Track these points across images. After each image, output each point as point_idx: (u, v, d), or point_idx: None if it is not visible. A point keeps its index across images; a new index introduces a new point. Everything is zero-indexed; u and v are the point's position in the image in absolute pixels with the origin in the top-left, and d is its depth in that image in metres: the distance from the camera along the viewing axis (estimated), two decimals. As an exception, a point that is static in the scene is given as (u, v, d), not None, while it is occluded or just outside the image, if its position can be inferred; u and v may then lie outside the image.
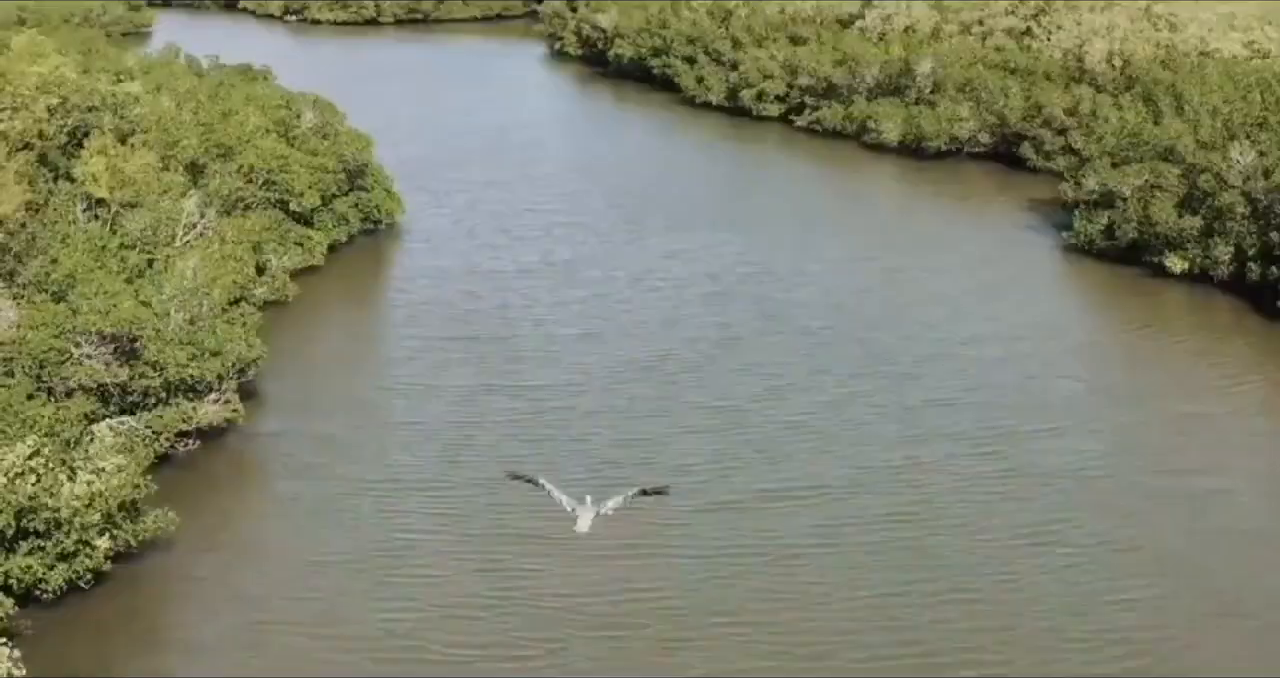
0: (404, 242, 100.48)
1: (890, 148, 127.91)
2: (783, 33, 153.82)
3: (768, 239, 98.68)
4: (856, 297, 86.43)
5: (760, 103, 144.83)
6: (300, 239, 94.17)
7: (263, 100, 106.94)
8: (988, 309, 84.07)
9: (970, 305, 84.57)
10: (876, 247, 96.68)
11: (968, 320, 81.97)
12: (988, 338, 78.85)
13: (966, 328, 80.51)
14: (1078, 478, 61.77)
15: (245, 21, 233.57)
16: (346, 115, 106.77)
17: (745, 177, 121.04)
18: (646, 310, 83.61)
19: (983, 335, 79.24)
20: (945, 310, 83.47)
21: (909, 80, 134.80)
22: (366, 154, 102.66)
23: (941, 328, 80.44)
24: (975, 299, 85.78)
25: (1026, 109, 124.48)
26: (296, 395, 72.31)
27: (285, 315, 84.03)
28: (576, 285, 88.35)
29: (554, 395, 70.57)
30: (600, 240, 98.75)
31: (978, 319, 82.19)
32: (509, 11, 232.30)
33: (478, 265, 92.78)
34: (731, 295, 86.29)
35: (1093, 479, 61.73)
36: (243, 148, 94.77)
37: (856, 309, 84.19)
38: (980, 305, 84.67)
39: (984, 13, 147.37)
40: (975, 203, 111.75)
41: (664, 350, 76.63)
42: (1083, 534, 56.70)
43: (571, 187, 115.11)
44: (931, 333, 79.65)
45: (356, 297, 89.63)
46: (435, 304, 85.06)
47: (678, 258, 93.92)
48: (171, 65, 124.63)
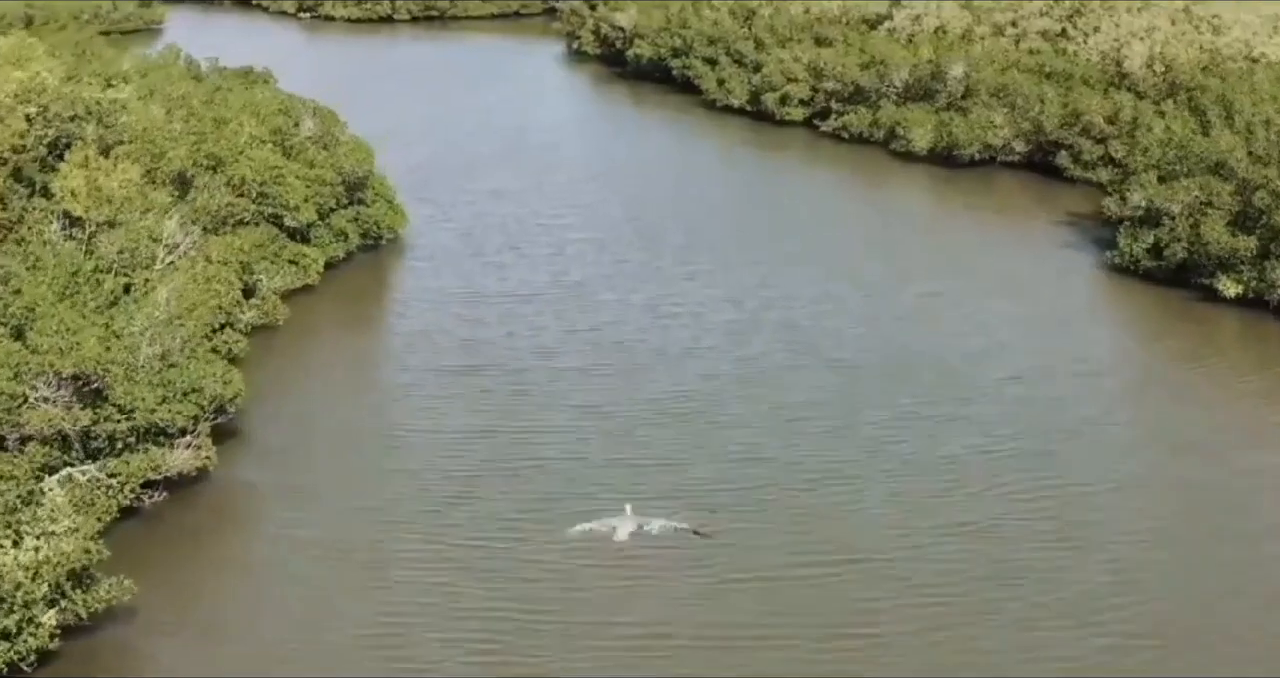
0: (406, 259, 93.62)
1: (920, 156, 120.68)
2: (807, 34, 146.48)
3: (793, 258, 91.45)
4: (890, 326, 78.95)
5: (784, 107, 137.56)
6: (294, 257, 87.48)
7: (261, 107, 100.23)
8: (1031, 340, 76.84)
9: (1012, 336, 77.28)
10: (909, 267, 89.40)
11: (1011, 354, 74.71)
12: (1033, 374, 71.62)
13: (1010, 363, 73.25)
14: (1137, 544, 54.64)
15: (258, 18, 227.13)
16: (348, 123, 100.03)
17: (768, 187, 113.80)
18: (663, 341, 76.30)
19: (1027, 371, 71.99)
20: (986, 342, 76.20)
21: (939, 84, 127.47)
22: (368, 164, 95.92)
23: (983, 362, 73.21)
24: (1017, 328, 78.51)
25: (1064, 116, 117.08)
26: (279, 437, 65.58)
27: (274, 341, 77.44)
28: (588, 310, 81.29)
29: (559, 440, 63.50)
30: (615, 259, 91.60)
31: (1021, 352, 74.91)
32: (526, 9, 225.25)
33: (483, 287, 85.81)
34: (755, 323, 78.97)
35: (1154, 547, 54.56)
36: (235, 159, 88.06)
37: (890, 340, 76.70)
38: (1023, 336, 77.39)
39: (1017, 13, 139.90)
40: (1011, 217, 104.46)
41: (681, 389, 69.38)
42: (1142, 614, 49.53)
43: (586, 197, 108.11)
44: (973, 368, 72.43)
45: (352, 321, 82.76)
46: (435, 331, 78.13)
47: (697, 279, 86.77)
48: (169, 68, 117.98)
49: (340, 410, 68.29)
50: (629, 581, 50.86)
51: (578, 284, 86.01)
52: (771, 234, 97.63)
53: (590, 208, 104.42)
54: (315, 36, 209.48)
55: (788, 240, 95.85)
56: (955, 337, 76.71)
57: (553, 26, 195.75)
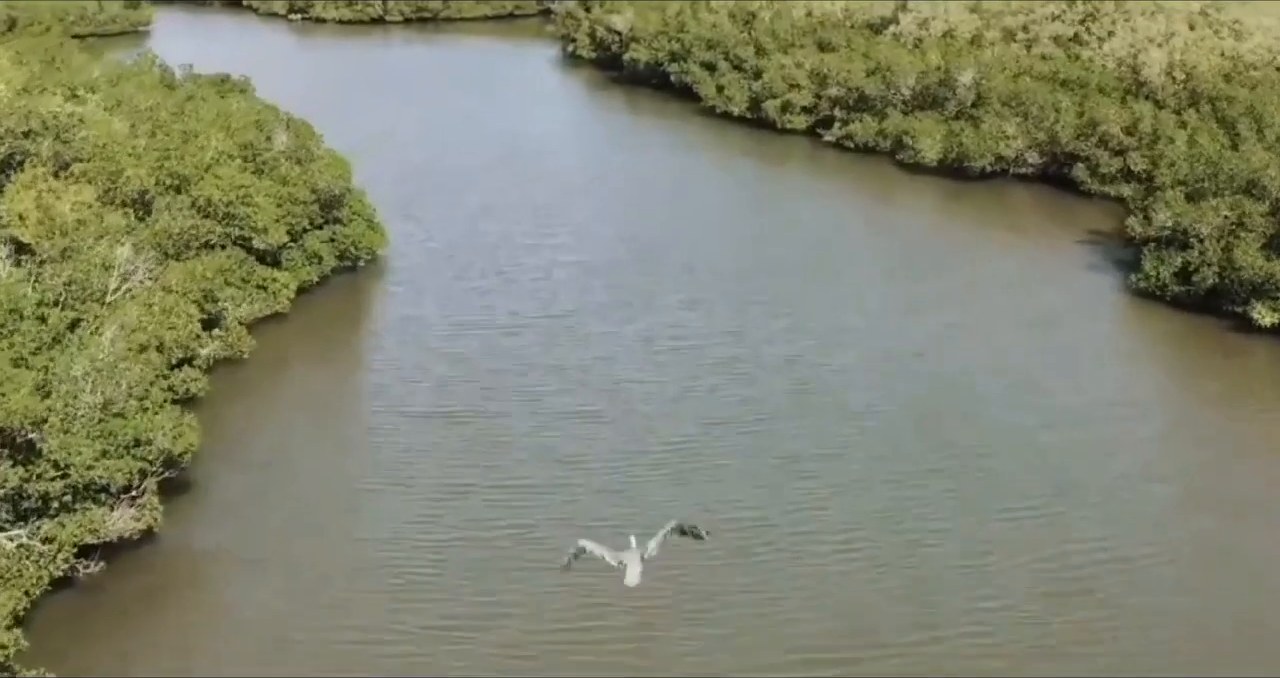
0: (384, 283, 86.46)
1: (928, 167, 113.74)
2: (810, 38, 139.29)
3: (798, 283, 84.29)
4: (905, 363, 71.58)
5: (785, 114, 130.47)
6: (264, 282, 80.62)
7: (232, 119, 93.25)
8: (1057, 379, 69.85)
9: (1037, 373, 70.26)
10: (924, 294, 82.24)
11: (1036, 395, 67.65)
12: (1061, 419, 64.63)
13: (1036, 406, 66.20)
14: (1199, 628, 47.82)
15: (248, 20, 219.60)
16: (324, 137, 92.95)
17: (770, 202, 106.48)
18: (658, 380, 69.04)
19: (1055, 415, 64.95)
20: (1009, 381, 69.16)
21: (948, 92, 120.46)
22: (345, 180, 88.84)
23: (1007, 405, 66.19)
24: (1041, 364, 71.53)
25: (1079, 126, 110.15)
26: (235, 493, 58.69)
27: (238, 376, 70.61)
28: (577, 344, 74.04)
29: (541, 502, 56.23)
30: (607, 285, 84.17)
31: (1047, 393, 67.84)
32: (521, 10, 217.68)
33: (465, 316, 78.61)
34: (758, 360, 71.70)
35: (1215, 634, 47.74)
36: (201, 177, 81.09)
37: (906, 380, 69.37)
38: (1048, 373, 70.38)
39: (1028, 17, 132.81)
40: (1027, 235, 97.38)
41: (678, 439, 62.17)
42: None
43: (579, 214, 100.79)
44: (996, 412, 65.45)
45: (323, 354, 75.57)
46: (412, 368, 71.04)
47: (696, 309, 79.53)
48: (143, 76, 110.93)
49: (305, 461, 61.38)
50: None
51: (567, 314, 78.79)
52: (775, 255, 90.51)
53: (583, 226, 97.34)
54: (305, 39, 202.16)
55: (792, 262, 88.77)
56: (977, 376, 69.71)
57: (547, 29, 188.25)
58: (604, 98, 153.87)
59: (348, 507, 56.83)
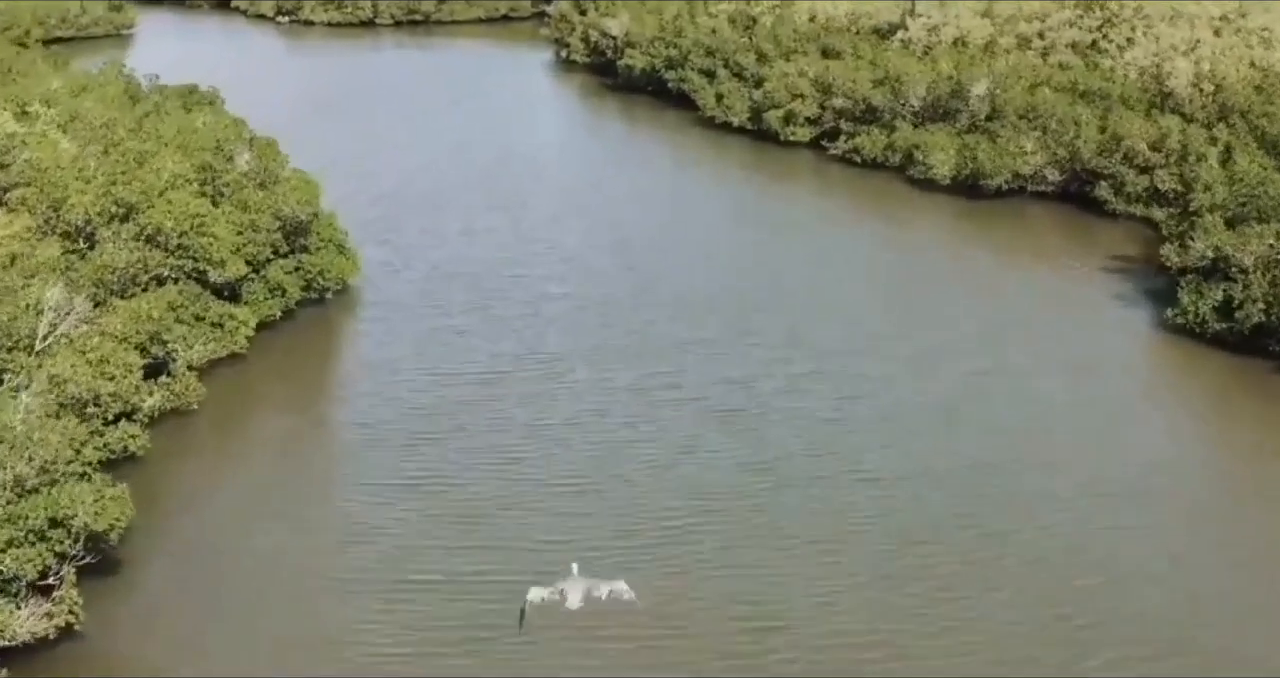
0: (354, 319, 78.16)
1: (941, 184, 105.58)
2: (813, 44, 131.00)
3: (805, 322, 75.67)
4: (932, 421, 62.67)
5: (788, 126, 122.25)
6: (220, 319, 72.51)
7: (195, 136, 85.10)
8: (1096, 435, 61.55)
9: (1078, 431, 61.73)
10: (944, 335, 73.72)
11: (1081, 457, 58.93)
12: (1111, 487, 56.07)
13: (1082, 471, 57.60)
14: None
15: (235, 22, 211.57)
16: (289, 159, 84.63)
17: (775, 225, 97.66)
18: (652, 440, 60.39)
19: (1105, 484, 56.35)
20: (1043, 442, 60.56)
21: (961, 103, 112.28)
22: (312, 205, 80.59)
23: (1051, 472, 57.47)
24: (1081, 421, 63.07)
25: (1102, 142, 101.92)
26: (170, 579, 50.59)
27: (185, 432, 62.65)
28: (564, 395, 65.45)
29: (512, 600, 47.95)
30: (600, 322, 75.43)
31: (1092, 456, 59.16)
32: (516, 12, 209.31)
33: (441, 361, 69.99)
34: (765, 415, 62.98)
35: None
36: (151, 204, 72.92)
37: (935, 443, 60.29)
38: (1090, 431, 61.88)
39: (1044, 24, 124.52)
40: (1050, 261, 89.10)
41: (673, 517, 53.33)
42: None
43: (570, 239, 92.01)
44: (1039, 480, 56.60)
45: (281, 405, 67.20)
46: (378, 425, 62.53)
47: (695, 351, 70.86)
48: (106, 87, 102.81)
49: (253, 540, 53.07)
50: None
51: (554, 358, 70.17)
52: (779, 287, 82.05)
53: (573, 253, 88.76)
54: (291, 42, 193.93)
55: (798, 296, 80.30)
56: (1009, 436, 61.17)
57: (541, 32, 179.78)
58: (598, 107, 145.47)
59: (296, 597, 48.61)
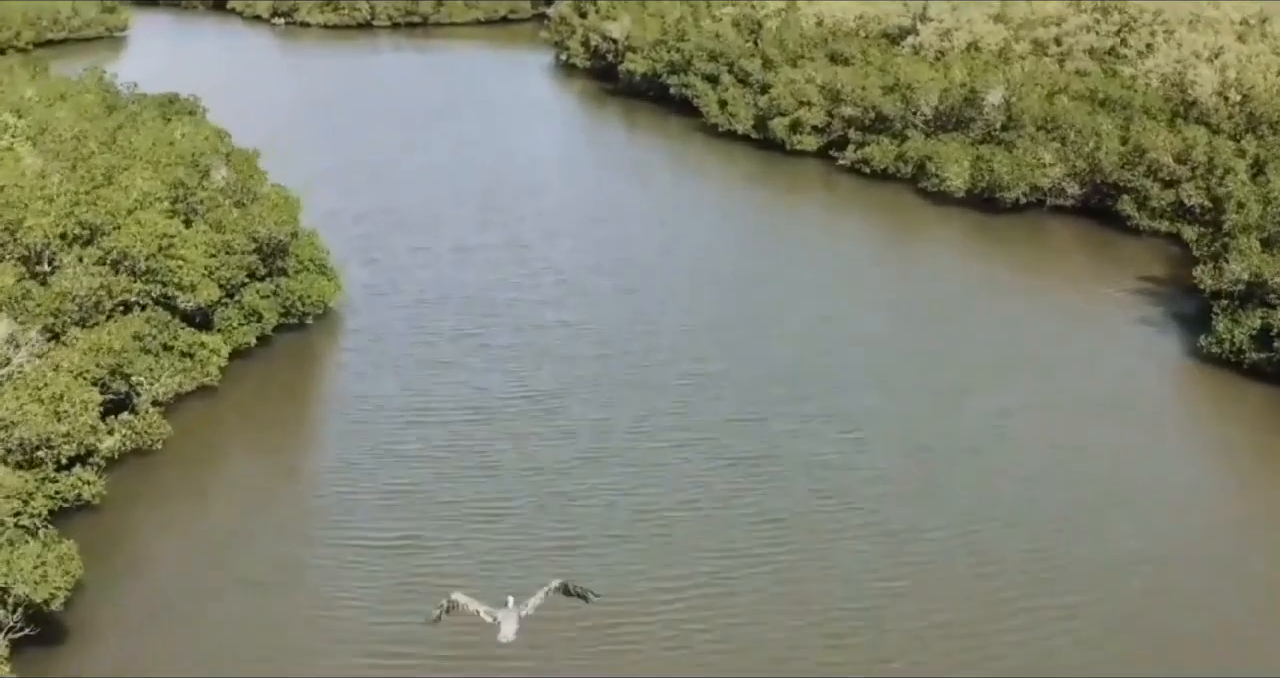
0: (334, 347, 72.55)
1: (955, 197, 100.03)
2: (821, 50, 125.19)
3: (818, 351, 70.10)
4: (952, 468, 57.07)
5: (795, 134, 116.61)
6: (189, 348, 67.02)
7: (171, 149, 79.45)
8: (1146, 493, 55.48)
9: (1119, 483, 55.59)
10: (964, 366, 68.14)
11: (1128, 517, 52.99)
12: (1157, 549, 50.50)
13: (1115, 526, 51.94)
14: None
15: (232, 23, 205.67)
16: (269, 175, 79.28)
17: (782, 243, 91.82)
18: (648, 489, 54.64)
19: (1147, 551, 50.55)
20: (1079, 492, 54.89)
21: (975, 112, 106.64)
22: (290, 223, 75.04)
23: (1080, 526, 51.91)
24: (1112, 467, 57.31)
25: (1124, 154, 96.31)
26: (116, 656, 45.06)
27: (146, 475, 57.24)
28: (556, 438, 59.49)
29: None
30: (597, 353, 69.51)
31: (1140, 516, 53.20)
32: (515, 14, 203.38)
33: (426, 397, 64.27)
34: (774, 460, 57.11)
35: None
36: (117, 225, 67.41)
37: (965, 497, 54.49)
38: (1132, 485, 55.80)
39: (1060, 28, 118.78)
40: (1073, 282, 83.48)
41: (675, 586, 47.57)
42: None
43: (567, 259, 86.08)
44: (1069, 540, 51.06)
45: (251, 446, 61.47)
46: (353, 473, 56.73)
47: (700, 386, 64.97)
48: (82, 96, 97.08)
49: (213, 607, 47.63)
50: None
51: (548, 395, 64.42)
52: (788, 313, 76.28)
53: (571, 274, 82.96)
54: (286, 45, 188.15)
55: (810, 323, 74.47)
56: (1040, 486, 55.29)
57: (541, 35, 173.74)
58: (598, 113, 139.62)
59: (256, 664, 43.10)
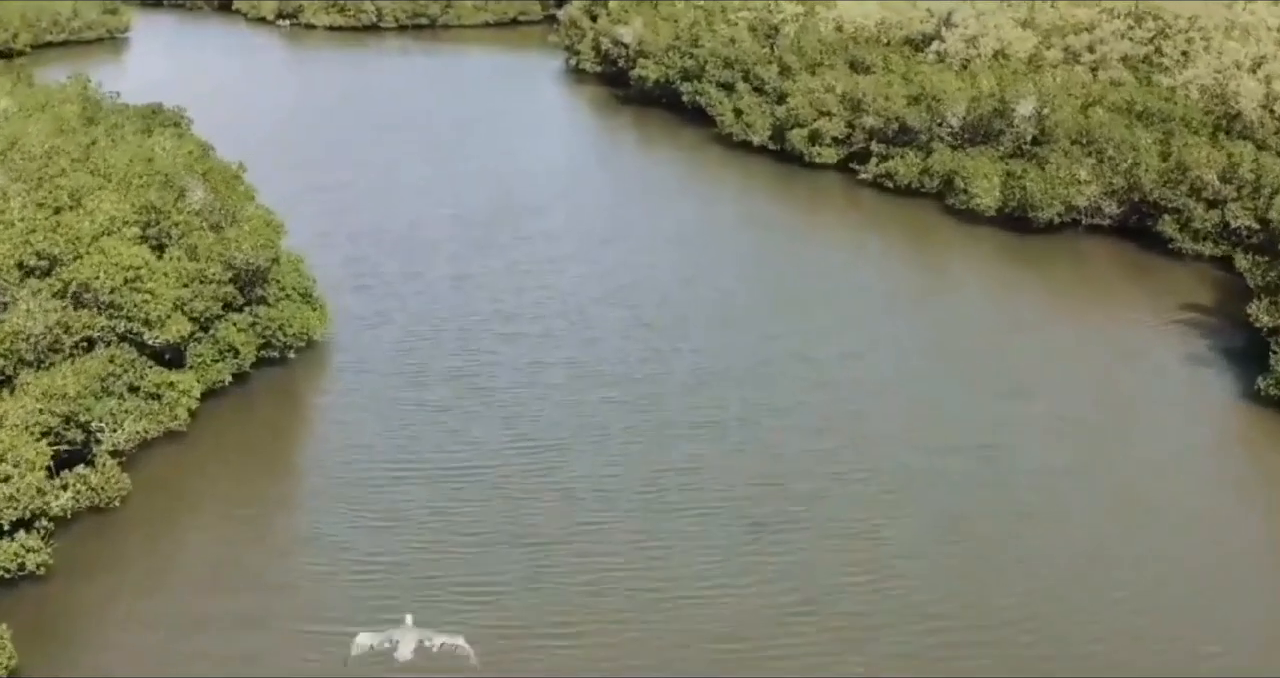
0: (316, 388, 66.03)
1: (984, 215, 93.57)
2: (840, 56, 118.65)
3: (843, 397, 62.88)
4: (1000, 538, 50.15)
5: (814, 146, 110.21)
6: (157, 388, 60.82)
7: (145, 169, 73.21)
8: (1203, 558, 49.37)
9: (1180, 559, 49.03)
10: (1002, 415, 61.17)
11: (1204, 598, 46.59)
12: (1225, 648, 44.29)
13: (1210, 620, 45.42)
14: None
15: (236, 25, 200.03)
16: (254, 191, 73.31)
17: (802, 269, 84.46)
18: (662, 568, 47.79)
19: (1229, 646, 44.37)
20: (1153, 574, 47.76)
21: (1004, 124, 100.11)
22: (270, 249, 68.76)
23: (1163, 621, 45.47)
24: (1184, 536, 50.67)
25: (1164, 170, 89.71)
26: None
27: (101, 537, 51.19)
28: (553, 500, 52.59)
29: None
30: (603, 396, 62.61)
31: (1214, 596, 46.76)
32: (525, 16, 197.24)
33: (414, 451, 57.27)
34: (801, 528, 50.19)
35: None
36: (81, 253, 61.25)
37: (1007, 569, 47.97)
38: (1173, 545, 49.83)
39: (1093, 36, 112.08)
40: (1111, 311, 76.96)
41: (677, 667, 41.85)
42: None
43: (573, 286, 79.04)
44: (1153, 634, 44.67)
45: (216, 507, 54.46)
46: (328, 543, 50.05)
47: (713, 436, 58.09)
48: (62, 107, 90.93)
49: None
50: None
51: (548, 447, 57.58)
52: (811, 351, 69.23)
53: (577, 304, 76.13)
54: (290, 47, 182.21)
55: (834, 364, 67.33)
56: (1104, 564, 48.58)
57: (550, 38, 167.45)
58: (609, 122, 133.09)
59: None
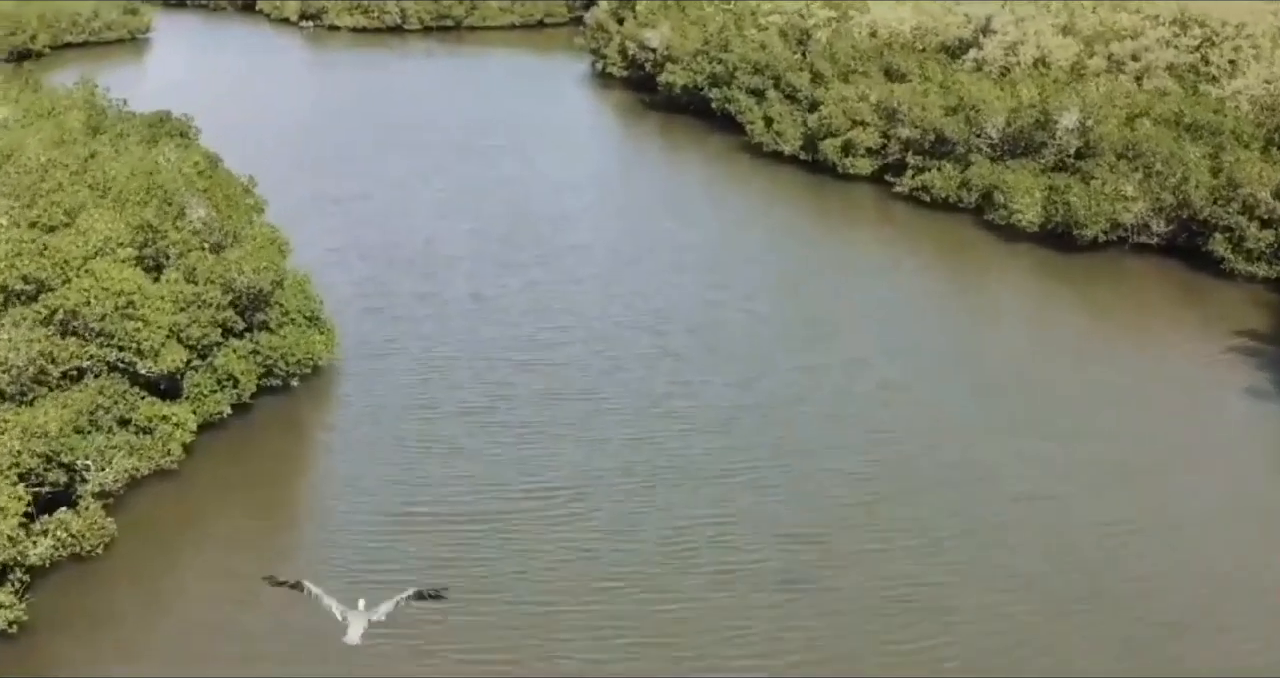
0: (320, 422, 61.54)
1: (1025, 232, 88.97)
2: (875, 63, 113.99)
3: (885, 438, 57.22)
4: (1064, 603, 45.11)
5: (847, 157, 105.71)
6: (149, 422, 56.77)
7: (146, 182, 69.20)
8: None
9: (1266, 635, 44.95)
10: (1059, 459, 55.96)
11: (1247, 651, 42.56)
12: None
13: None
14: None
15: (259, 26, 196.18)
16: (264, 203, 69.45)
17: (837, 287, 79.35)
18: (686, 636, 43.25)
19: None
20: (1222, 655, 43.74)
21: (1046, 136, 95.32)
22: (271, 271, 64.54)
23: None
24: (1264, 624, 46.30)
25: (1216, 187, 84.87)
26: None
27: (79, 590, 47.13)
28: (568, 555, 47.58)
29: None
30: (628, 434, 57.32)
31: None
32: (552, 17, 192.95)
33: (420, 493, 52.65)
34: (839, 596, 45.16)
35: None
36: (70, 277, 57.32)
37: (1074, 640, 43.13)
38: (1243, 605, 45.43)
39: (1137, 43, 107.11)
40: (1161, 336, 72.38)
41: None
42: None
43: (596, 311, 73.81)
44: None
45: (206, 557, 49.98)
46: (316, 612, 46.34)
47: (745, 482, 52.99)
48: (65, 115, 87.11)
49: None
50: None
51: (564, 491, 52.72)
52: (850, 380, 64.25)
53: (601, 330, 71.11)
54: (313, 49, 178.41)
55: (874, 396, 62.06)
56: (1187, 642, 44.09)
57: (575, 41, 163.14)
58: (635, 130, 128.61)
59: None
